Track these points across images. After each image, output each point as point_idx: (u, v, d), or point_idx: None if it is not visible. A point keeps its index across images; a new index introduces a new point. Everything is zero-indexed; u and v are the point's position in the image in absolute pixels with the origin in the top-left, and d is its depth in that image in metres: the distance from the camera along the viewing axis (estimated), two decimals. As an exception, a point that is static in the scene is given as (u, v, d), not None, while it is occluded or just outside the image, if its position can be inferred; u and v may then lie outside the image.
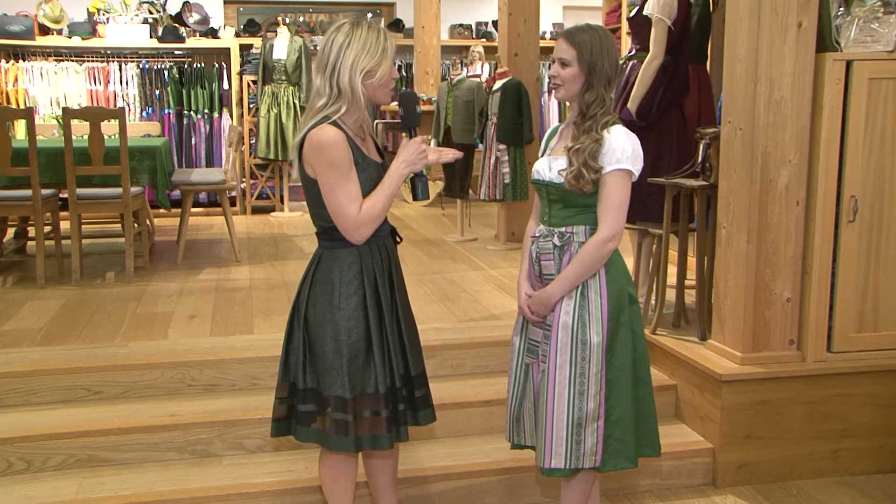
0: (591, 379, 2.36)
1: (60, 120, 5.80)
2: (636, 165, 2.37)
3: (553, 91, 2.45)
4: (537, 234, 2.47)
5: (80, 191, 5.05)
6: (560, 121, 2.70)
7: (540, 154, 2.58)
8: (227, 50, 8.44)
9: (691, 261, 4.24)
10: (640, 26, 4.15)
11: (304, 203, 9.13)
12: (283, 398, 2.47)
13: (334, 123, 2.27)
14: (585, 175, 2.31)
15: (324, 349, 2.34)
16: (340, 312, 2.33)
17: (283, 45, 7.96)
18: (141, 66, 8.31)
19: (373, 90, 2.32)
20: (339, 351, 2.33)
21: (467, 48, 10.11)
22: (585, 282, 2.38)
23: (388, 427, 2.38)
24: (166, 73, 8.32)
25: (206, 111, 8.35)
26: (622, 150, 2.33)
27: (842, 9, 3.30)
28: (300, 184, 2.39)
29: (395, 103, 7.34)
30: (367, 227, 2.31)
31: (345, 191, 2.26)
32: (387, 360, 2.38)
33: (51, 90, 8.10)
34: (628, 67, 4.28)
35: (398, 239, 2.52)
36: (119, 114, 5.16)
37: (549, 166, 2.43)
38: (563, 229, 2.41)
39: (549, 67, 2.41)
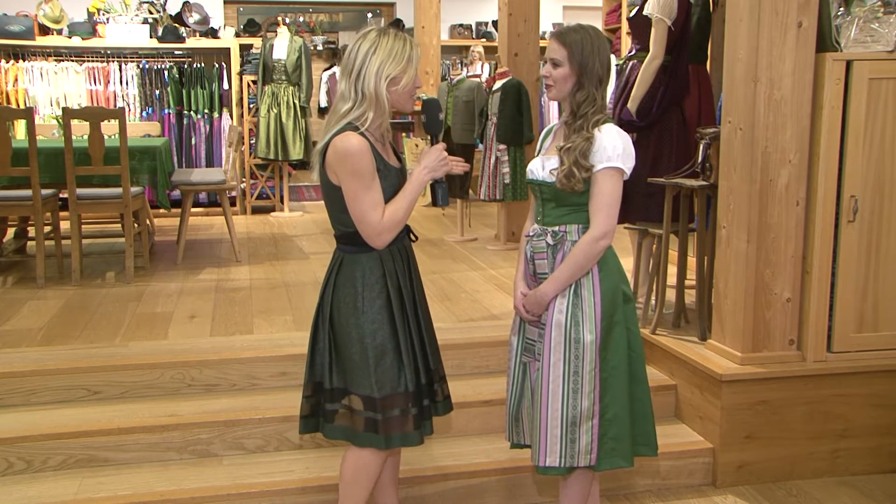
0: (584, 377, 2.36)
1: (60, 120, 5.79)
2: (627, 164, 2.37)
3: (546, 91, 2.47)
4: (531, 234, 2.49)
5: (80, 191, 5.05)
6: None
7: (535, 154, 2.60)
8: (227, 50, 8.44)
9: (691, 261, 4.24)
10: (640, 26, 4.15)
11: (304, 203, 9.06)
12: (308, 396, 2.50)
13: (357, 130, 2.30)
14: (576, 174, 2.32)
15: (350, 351, 2.38)
16: (364, 315, 2.37)
17: (283, 45, 7.95)
18: (141, 66, 8.31)
19: (397, 97, 2.36)
20: (364, 353, 2.37)
21: (467, 48, 10.12)
22: (579, 280, 2.38)
23: (417, 423, 2.42)
24: (166, 73, 8.31)
25: (206, 111, 8.35)
26: (613, 148, 2.33)
27: (842, 9, 3.30)
28: (301, 184, 2.42)
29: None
30: (389, 233, 2.35)
31: (368, 198, 2.30)
32: (412, 359, 2.42)
33: (51, 90, 8.10)
34: (628, 67, 4.28)
35: (413, 237, 2.55)
36: (119, 114, 5.16)
37: (542, 166, 2.44)
38: (556, 228, 2.42)
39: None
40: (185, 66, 8.43)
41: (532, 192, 2.52)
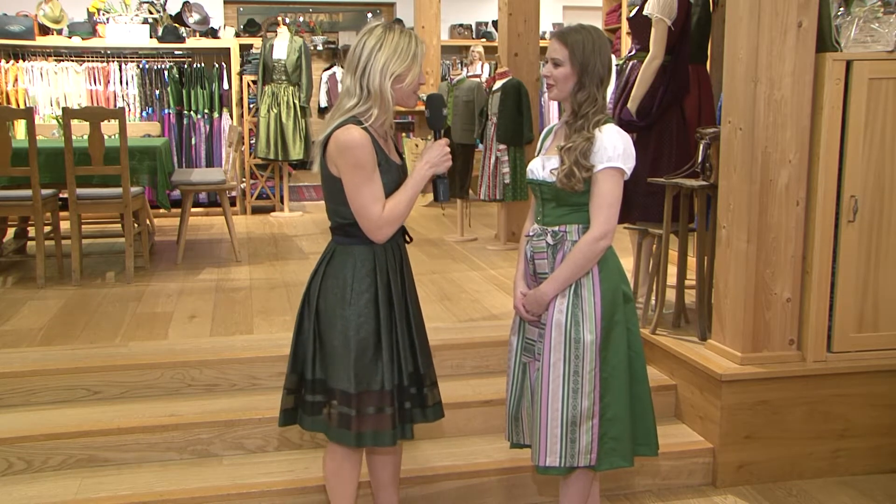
0: (584, 377, 2.37)
1: (60, 120, 5.79)
2: (628, 164, 2.37)
3: (547, 91, 2.47)
4: (531, 234, 2.49)
5: (80, 191, 5.05)
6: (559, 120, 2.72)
7: (536, 154, 2.60)
8: (227, 50, 8.44)
9: (691, 261, 4.24)
10: (640, 26, 4.15)
11: (304, 203, 9.05)
12: (291, 389, 2.50)
13: (360, 124, 2.30)
14: (576, 173, 2.32)
15: (332, 343, 2.38)
16: (351, 308, 2.36)
17: (283, 45, 7.95)
18: (141, 66, 8.31)
19: (401, 94, 2.36)
20: (346, 345, 2.36)
21: (467, 48, 10.12)
22: (579, 280, 2.39)
23: (392, 424, 2.40)
24: (166, 73, 8.31)
25: (206, 111, 8.35)
26: (613, 148, 2.34)
27: (842, 9, 3.30)
28: (301, 184, 2.42)
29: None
30: (389, 227, 2.35)
31: (369, 191, 2.30)
32: (395, 358, 2.41)
33: (51, 90, 8.10)
34: (628, 67, 4.28)
35: (408, 238, 2.55)
36: (119, 114, 5.16)
37: (543, 165, 2.45)
38: (556, 228, 2.42)
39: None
40: (185, 66, 8.43)
41: (532, 191, 2.53)
